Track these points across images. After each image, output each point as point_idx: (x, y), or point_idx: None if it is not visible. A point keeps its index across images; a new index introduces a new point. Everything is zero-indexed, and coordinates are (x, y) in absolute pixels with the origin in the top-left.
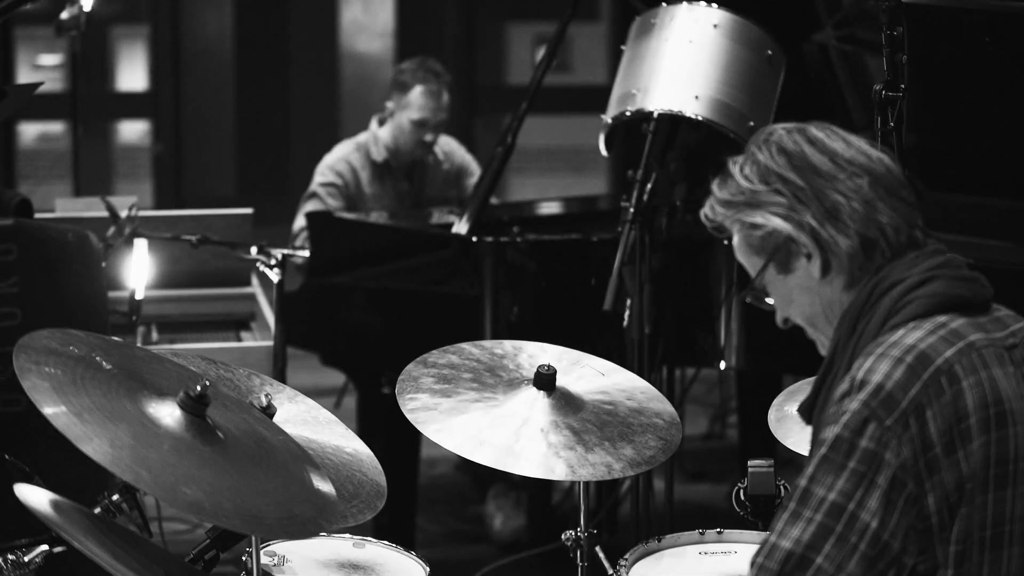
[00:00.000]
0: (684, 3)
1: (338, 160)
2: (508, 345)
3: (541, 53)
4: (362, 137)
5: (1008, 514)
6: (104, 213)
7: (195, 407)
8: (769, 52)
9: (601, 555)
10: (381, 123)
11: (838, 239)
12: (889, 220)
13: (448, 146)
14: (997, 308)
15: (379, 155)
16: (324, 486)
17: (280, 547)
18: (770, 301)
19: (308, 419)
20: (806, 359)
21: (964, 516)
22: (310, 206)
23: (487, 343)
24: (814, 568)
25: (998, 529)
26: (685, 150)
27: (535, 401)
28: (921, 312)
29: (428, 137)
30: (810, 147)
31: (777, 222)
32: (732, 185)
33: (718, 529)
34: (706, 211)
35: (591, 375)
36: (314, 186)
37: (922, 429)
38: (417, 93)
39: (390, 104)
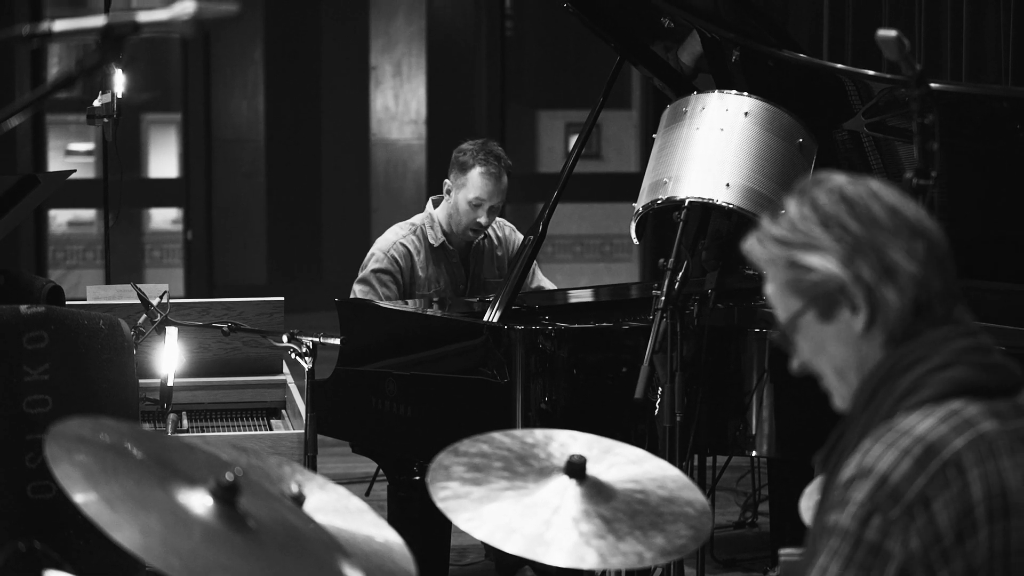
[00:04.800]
0: (715, 91)
1: (394, 244)
2: (539, 434)
3: (572, 141)
4: (418, 219)
5: None
6: (135, 300)
7: (226, 495)
8: (800, 140)
9: None
10: (436, 205)
11: (890, 299)
12: (940, 288)
13: (503, 231)
14: None
15: (435, 239)
16: (354, 574)
17: None
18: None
19: (339, 507)
20: None
21: None
22: (359, 290)
23: (518, 432)
24: None
25: None
26: (716, 238)
27: (566, 490)
28: (936, 395)
29: (482, 219)
30: (872, 199)
31: (834, 269)
32: (787, 222)
33: None
34: (752, 245)
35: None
36: (367, 272)
37: (931, 521)
38: (476, 174)
39: (448, 182)
